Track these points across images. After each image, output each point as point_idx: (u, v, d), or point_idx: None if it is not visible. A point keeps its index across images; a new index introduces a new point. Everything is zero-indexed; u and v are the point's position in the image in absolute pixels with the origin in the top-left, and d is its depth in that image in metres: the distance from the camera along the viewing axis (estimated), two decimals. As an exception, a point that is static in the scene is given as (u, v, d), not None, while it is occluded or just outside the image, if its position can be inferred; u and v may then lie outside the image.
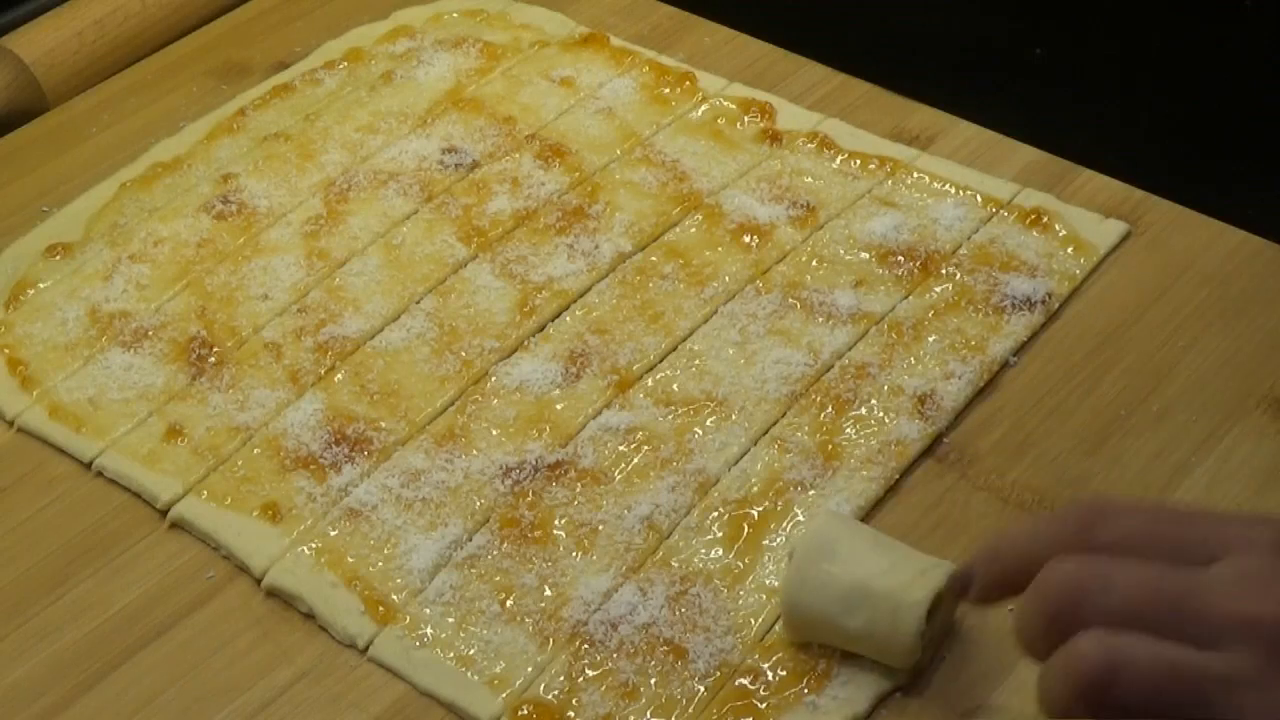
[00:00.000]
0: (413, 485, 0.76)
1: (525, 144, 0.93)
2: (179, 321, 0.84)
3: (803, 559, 0.66)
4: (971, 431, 0.77)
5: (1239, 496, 0.73)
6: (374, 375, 0.81)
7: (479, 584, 0.71)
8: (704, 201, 0.89)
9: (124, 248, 0.89)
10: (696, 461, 0.76)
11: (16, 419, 0.81)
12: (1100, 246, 0.85)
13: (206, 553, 0.75)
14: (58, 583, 0.74)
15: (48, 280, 0.87)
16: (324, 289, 0.86)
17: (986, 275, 0.83)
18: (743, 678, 0.68)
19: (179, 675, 0.70)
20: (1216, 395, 0.77)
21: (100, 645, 0.71)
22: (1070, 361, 0.80)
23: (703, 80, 0.97)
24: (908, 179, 0.89)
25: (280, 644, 0.71)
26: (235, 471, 0.77)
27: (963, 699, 0.67)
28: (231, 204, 0.91)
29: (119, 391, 0.81)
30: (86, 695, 0.70)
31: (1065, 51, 1.08)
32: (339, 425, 0.78)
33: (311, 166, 0.93)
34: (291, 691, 0.69)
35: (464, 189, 0.91)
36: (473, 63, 1.00)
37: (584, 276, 0.85)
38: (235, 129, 0.96)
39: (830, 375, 0.79)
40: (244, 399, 0.80)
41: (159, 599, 0.73)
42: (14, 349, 0.84)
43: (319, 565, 0.73)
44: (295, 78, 1.00)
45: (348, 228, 0.89)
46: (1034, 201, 0.87)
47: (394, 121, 0.96)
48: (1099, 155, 0.90)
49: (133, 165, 0.94)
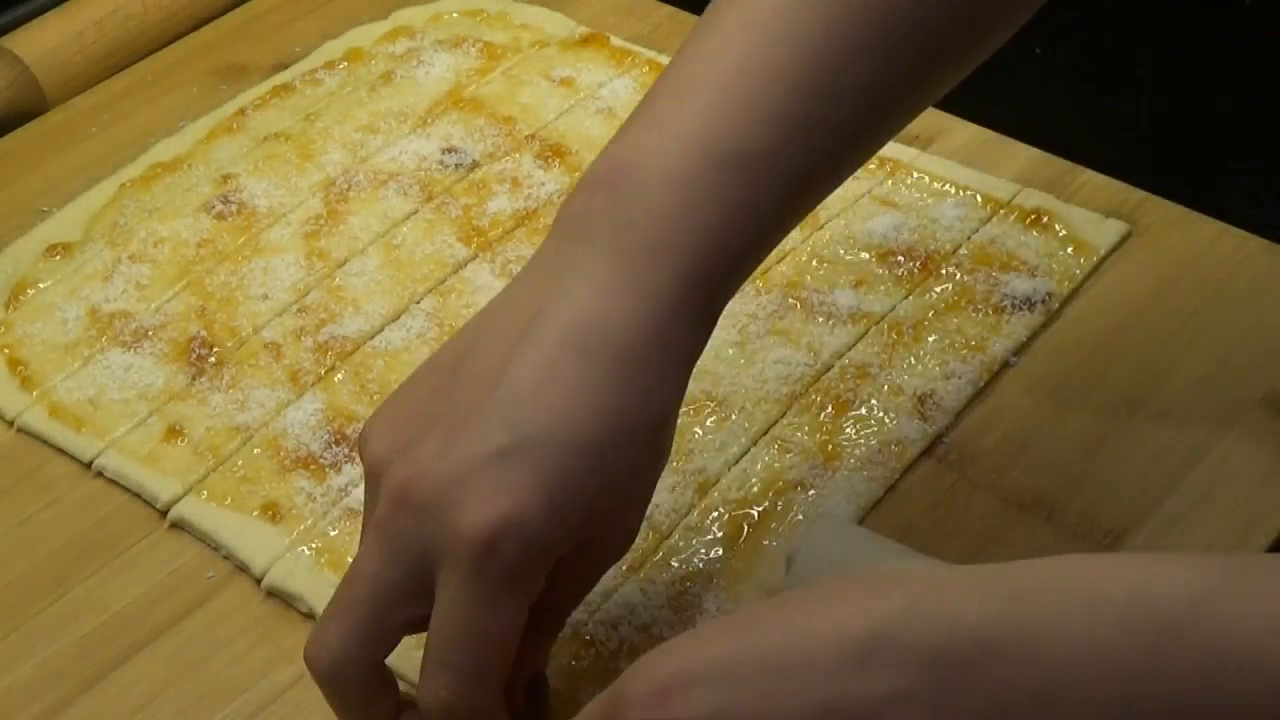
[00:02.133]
0: (413, 485, 0.75)
1: (525, 144, 0.93)
2: (179, 321, 0.84)
3: (801, 567, 0.66)
4: (971, 431, 0.77)
5: (1238, 496, 0.73)
6: (374, 375, 0.81)
7: (479, 584, 0.71)
8: (704, 201, 0.89)
9: (124, 248, 0.89)
10: (696, 461, 0.76)
11: (16, 419, 0.81)
12: (1100, 246, 0.85)
13: (206, 553, 0.75)
14: (57, 583, 0.74)
15: (48, 280, 0.87)
16: (324, 289, 0.86)
17: (986, 275, 0.83)
18: (743, 678, 0.67)
19: (179, 675, 0.70)
20: (1216, 395, 0.77)
21: (100, 645, 0.71)
22: (1070, 361, 0.80)
23: (703, 80, 0.97)
24: (908, 179, 0.89)
25: (280, 644, 0.71)
26: (235, 471, 0.77)
27: (963, 699, 0.67)
28: (231, 204, 0.91)
29: (119, 391, 0.81)
30: (86, 695, 0.70)
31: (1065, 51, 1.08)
32: (339, 425, 0.78)
33: (311, 166, 0.93)
34: (291, 691, 0.69)
35: (464, 189, 0.91)
36: (473, 63, 1.00)
37: (584, 276, 0.85)
38: (235, 129, 0.96)
39: (830, 375, 0.79)
40: (244, 399, 0.80)
41: (159, 599, 0.73)
42: (14, 349, 0.84)
43: (319, 565, 0.73)
44: (295, 78, 1.00)
45: (348, 228, 0.89)
46: (1034, 201, 0.87)
47: (394, 121, 0.96)
48: (1099, 155, 0.90)
49: (133, 165, 0.94)
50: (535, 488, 0.55)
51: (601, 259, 0.58)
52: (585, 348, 0.56)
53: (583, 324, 0.57)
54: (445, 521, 0.55)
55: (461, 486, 0.55)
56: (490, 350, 0.58)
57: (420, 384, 0.61)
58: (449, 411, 0.57)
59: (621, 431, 0.57)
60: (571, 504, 0.56)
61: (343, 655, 0.58)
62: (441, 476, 0.56)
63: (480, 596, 0.55)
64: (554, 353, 0.57)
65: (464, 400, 0.57)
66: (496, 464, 0.55)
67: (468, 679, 0.56)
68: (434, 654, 0.57)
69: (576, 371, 0.56)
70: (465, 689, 0.56)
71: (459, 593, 0.55)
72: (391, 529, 0.57)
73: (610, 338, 0.57)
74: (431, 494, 0.56)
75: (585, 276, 0.58)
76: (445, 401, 0.58)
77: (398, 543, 0.57)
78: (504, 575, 0.55)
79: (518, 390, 0.56)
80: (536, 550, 0.56)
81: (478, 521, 0.55)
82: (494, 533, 0.55)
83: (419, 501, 0.56)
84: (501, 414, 0.56)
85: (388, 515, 0.57)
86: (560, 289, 0.58)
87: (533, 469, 0.55)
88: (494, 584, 0.55)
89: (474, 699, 0.57)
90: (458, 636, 0.56)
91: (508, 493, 0.55)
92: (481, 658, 0.56)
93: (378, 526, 0.57)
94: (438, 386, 0.59)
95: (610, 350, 0.57)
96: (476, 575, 0.55)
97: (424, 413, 0.58)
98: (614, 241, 0.58)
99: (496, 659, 0.57)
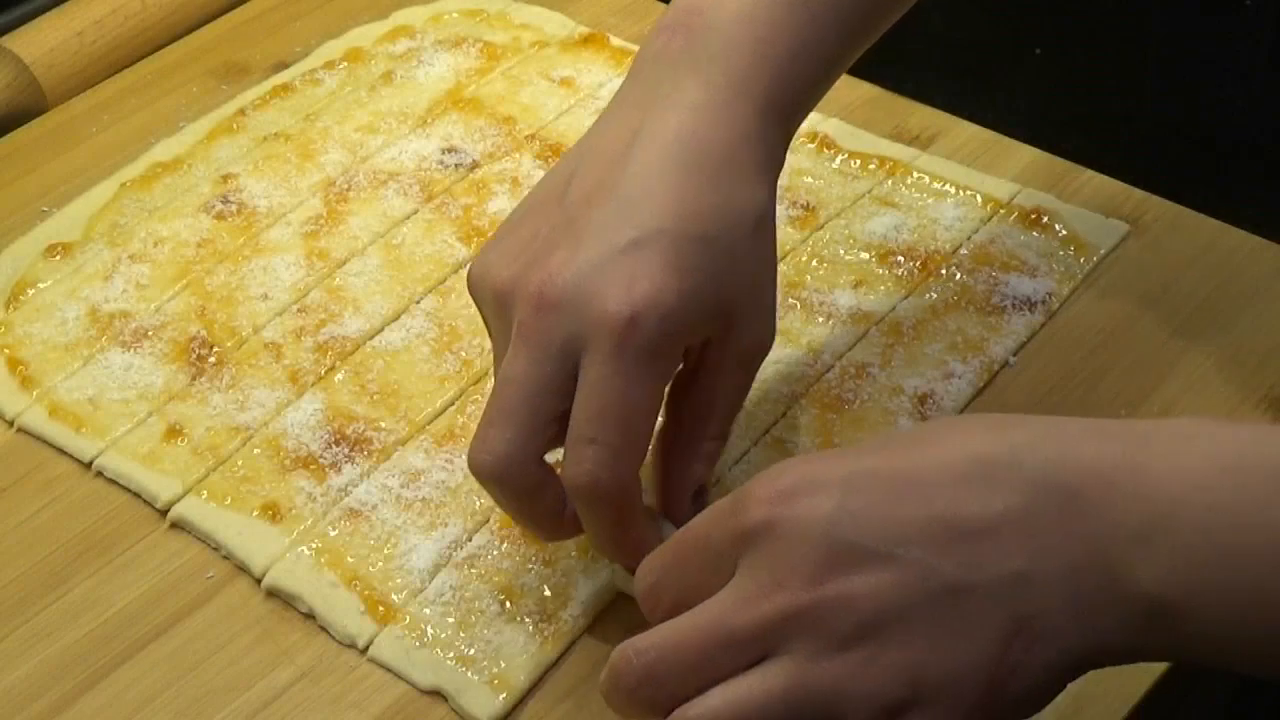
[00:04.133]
0: (413, 485, 0.76)
1: (525, 144, 0.93)
2: (179, 321, 0.84)
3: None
4: (971, 431, 0.77)
5: (1239, 496, 0.73)
6: (374, 375, 0.81)
7: (479, 584, 0.71)
8: (704, 201, 0.89)
9: (124, 248, 0.89)
10: (696, 461, 0.76)
11: (16, 419, 0.81)
12: (1100, 246, 0.85)
13: (206, 553, 0.75)
14: (58, 583, 0.74)
15: (48, 280, 0.87)
16: (324, 289, 0.86)
17: (986, 275, 0.83)
18: (743, 678, 0.68)
19: (179, 675, 0.70)
20: (1216, 395, 0.77)
21: (100, 645, 0.71)
22: (1070, 361, 0.80)
23: (703, 80, 0.97)
24: (908, 179, 0.89)
25: (280, 644, 0.71)
26: (235, 471, 0.77)
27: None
28: (231, 204, 0.91)
29: (119, 391, 0.81)
30: (86, 695, 0.70)
31: (1065, 51, 1.08)
32: (339, 425, 0.78)
33: (311, 166, 0.93)
34: (291, 691, 0.69)
35: (464, 189, 0.91)
36: (473, 63, 1.00)
37: (584, 276, 0.85)
38: (235, 129, 0.96)
39: (830, 375, 0.79)
40: (244, 399, 0.80)
41: (159, 599, 0.73)
42: (14, 349, 0.84)
43: (319, 565, 0.73)
44: (295, 78, 1.00)
45: (348, 228, 0.89)
46: (1034, 201, 0.87)
47: (394, 121, 0.96)
48: (1099, 155, 0.90)
49: (133, 165, 0.94)
50: (666, 272, 0.61)
51: (686, 89, 0.64)
52: (684, 159, 0.62)
53: (680, 139, 0.63)
54: (587, 309, 0.60)
55: (598, 277, 0.61)
56: (595, 170, 0.64)
57: (527, 216, 0.66)
58: (568, 225, 0.63)
59: (729, 227, 0.62)
60: (700, 288, 0.61)
61: (506, 455, 0.62)
62: (577, 273, 0.61)
63: (624, 371, 0.60)
64: (658, 163, 0.62)
65: (582, 213, 0.63)
66: (628, 255, 0.61)
67: (613, 452, 0.61)
68: (580, 432, 0.61)
69: (681, 178, 0.62)
70: (611, 462, 0.61)
71: (604, 369, 0.60)
72: (535, 330, 0.61)
73: (705, 150, 0.63)
74: (570, 290, 0.61)
75: (674, 103, 0.64)
76: (561, 219, 0.63)
77: (543, 340, 0.61)
78: (645, 351, 0.60)
79: (633, 194, 0.62)
80: (673, 328, 0.61)
81: (619, 303, 0.60)
82: (634, 311, 0.60)
83: (559, 298, 0.61)
84: (623, 214, 0.62)
85: (530, 319, 0.61)
86: (653, 114, 0.64)
87: (661, 257, 0.61)
88: (636, 359, 0.60)
89: (618, 472, 0.61)
90: (603, 412, 0.61)
91: (643, 277, 0.60)
92: (625, 431, 0.61)
93: (521, 332, 0.62)
94: (547, 213, 0.64)
95: (707, 160, 0.63)
96: (620, 352, 0.60)
97: (540, 235, 0.63)
98: (695, 74, 0.64)
99: (639, 433, 0.62)
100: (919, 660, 0.52)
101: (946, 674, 0.52)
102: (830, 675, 0.53)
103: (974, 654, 0.52)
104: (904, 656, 0.52)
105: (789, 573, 0.53)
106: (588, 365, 0.61)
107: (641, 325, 0.60)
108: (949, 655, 0.52)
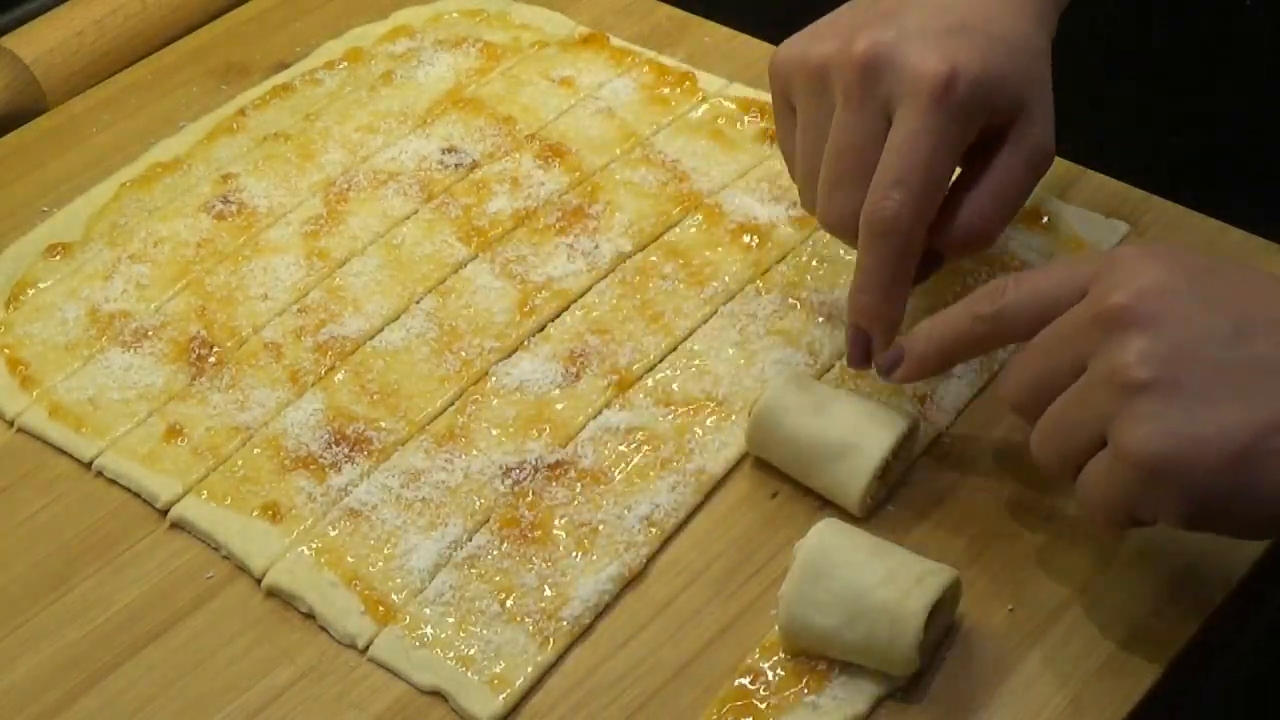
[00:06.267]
0: (413, 485, 0.76)
1: (525, 144, 0.93)
2: (179, 321, 0.84)
3: (800, 575, 0.66)
4: (971, 431, 0.77)
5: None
6: (374, 375, 0.81)
7: (479, 584, 0.71)
8: (704, 201, 0.89)
9: (124, 248, 0.89)
10: (696, 461, 0.76)
11: (16, 419, 0.81)
12: (1100, 246, 0.85)
13: (206, 553, 0.75)
14: (58, 583, 0.74)
15: (48, 280, 0.88)
16: (324, 289, 0.86)
17: (987, 275, 0.83)
18: (742, 678, 0.68)
19: (179, 675, 0.70)
20: (1216, 395, 0.77)
21: (100, 645, 0.71)
22: (1070, 361, 0.80)
23: (703, 80, 0.97)
24: (908, 179, 0.89)
25: (280, 644, 0.71)
26: (235, 471, 0.77)
27: (962, 699, 0.67)
28: (231, 204, 0.91)
29: (119, 391, 0.81)
30: (86, 695, 0.70)
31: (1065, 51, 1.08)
32: (339, 425, 0.78)
33: (311, 166, 0.93)
34: (291, 691, 0.69)
35: (464, 189, 0.91)
36: (473, 63, 1.00)
37: (584, 276, 0.85)
38: (235, 129, 0.96)
39: (830, 375, 0.79)
40: (244, 399, 0.80)
41: (159, 599, 0.73)
42: (14, 349, 0.84)
43: (319, 565, 0.73)
44: (295, 78, 1.00)
45: (348, 228, 0.89)
46: (1034, 201, 0.87)
47: (394, 121, 0.96)
48: (1099, 155, 0.90)
49: (133, 165, 0.94)
50: (976, 53, 0.70)
51: None
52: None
53: None
54: (908, 68, 0.70)
55: (920, 45, 0.70)
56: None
57: (835, 15, 0.75)
58: (882, 15, 0.72)
59: (1022, 39, 0.73)
60: (1003, 72, 0.71)
61: (842, 208, 0.72)
62: (901, 41, 0.70)
63: (936, 124, 0.69)
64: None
65: (896, 7, 0.72)
66: (945, 35, 0.70)
67: (915, 194, 0.69)
68: (888, 176, 0.70)
69: (982, 2, 0.73)
70: (912, 202, 0.69)
71: (917, 121, 0.69)
72: (860, 92, 0.71)
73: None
74: (894, 53, 0.70)
75: None
76: (875, 12, 0.73)
77: (866, 100, 0.71)
78: (956, 109, 0.69)
79: (943, 3, 0.72)
80: (982, 93, 0.70)
81: (941, 62, 0.69)
82: (951, 72, 0.69)
83: (883, 61, 0.70)
84: (935, 13, 0.72)
85: (855, 83, 0.71)
86: None
87: (970, 42, 0.70)
88: (948, 114, 0.69)
89: (917, 213, 0.70)
90: (912, 158, 0.69)
91: (959, 51, 0.70)
92: (929, 178, 0.70)
93: (847, 96, 0.71)
94: (856, 12, 0.74)
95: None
96: (935, 106, 0.69)
97: (855, 22, 0.73)
98: None
99: (939, 183, 0.70)
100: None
101: (1221, 415, 0.59)
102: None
103: (1247, 413, 0.59)
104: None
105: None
106: (901, 119, 0.70)
107: (956, 85, 0.69)
108: (1232, 402, 0.59)
